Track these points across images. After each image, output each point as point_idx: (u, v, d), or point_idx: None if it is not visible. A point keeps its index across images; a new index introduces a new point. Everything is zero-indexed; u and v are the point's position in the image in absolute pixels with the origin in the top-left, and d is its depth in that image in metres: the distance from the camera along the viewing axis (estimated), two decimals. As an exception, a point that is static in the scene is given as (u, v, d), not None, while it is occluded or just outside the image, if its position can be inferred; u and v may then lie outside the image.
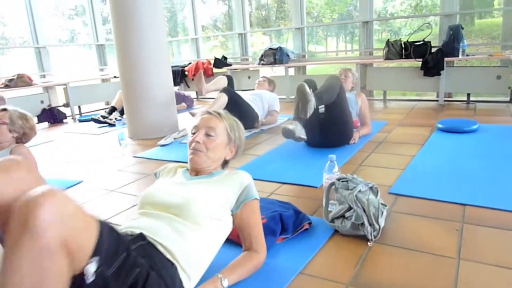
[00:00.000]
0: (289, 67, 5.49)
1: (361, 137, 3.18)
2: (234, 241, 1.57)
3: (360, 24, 5.26)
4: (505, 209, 1.80)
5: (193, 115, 3.61)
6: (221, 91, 3.65)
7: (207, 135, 1.43)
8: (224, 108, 3.59)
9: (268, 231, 1.60)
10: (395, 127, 3.58)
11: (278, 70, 5.78)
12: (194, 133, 1.46)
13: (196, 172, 1.44)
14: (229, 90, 3.66)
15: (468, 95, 4.64)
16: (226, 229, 1.34)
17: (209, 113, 1.49)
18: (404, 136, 3.24)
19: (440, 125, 3.28)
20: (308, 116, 2.63)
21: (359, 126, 3.34)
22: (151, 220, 1.23)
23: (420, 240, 1.58)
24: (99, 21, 6.64)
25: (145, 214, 1.28)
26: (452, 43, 4.42)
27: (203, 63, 6.07)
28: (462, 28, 4.45)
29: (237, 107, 3.65)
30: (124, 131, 3.70)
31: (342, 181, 1.75)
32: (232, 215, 1.36)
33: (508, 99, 4.50)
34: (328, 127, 2.88)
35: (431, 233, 1.64)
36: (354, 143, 3.04)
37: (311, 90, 2.67)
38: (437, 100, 4.71)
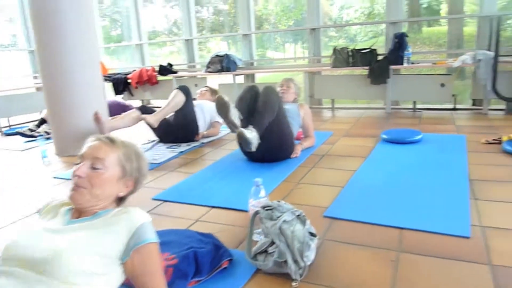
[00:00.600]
0: (237, 75, 5.29)
1: (304, 149, 3.02)
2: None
3: (308, 31, 5.15)
4: (443, 232, 1.67)
5: (98, 118, 3.18)
6: (177, 88, 3.37)
7: (93, 168, 1.17)
8: (177, 111, 3.33)
9: (179, 274, 1.36)
10: (340, 138, 3.45)
11: (226, 78, 5.57)
12: (78, 164, 1.20)
13: (79, 212, 1.18)
14: (187, 90, 3.37)
15: (414, 103, 4.64)
16: (112, 284, 1.09)
17: (99, 139, 1.23)
18: (348, 148, 3.11)
19: (384, 136, 3.19)
20: (238, 127, 2.44)
21: (302, 138, 3.19)
22: (6, 281, 0.96)
23: (351, 276, 1.40)
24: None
25: (3, 273, 1.00)
26: (397, 51, 4.40)
27: (147, 71, 5.75)
28: (407, 36, 4.43)
29: (187, 113, 3.40)
30: (48, 147, 3.34)
31: (267, 210, 1.55)
32: (122, 263, 1.11)
33: (452, 106, 4.53)
34: (267, 141, 2.69)
35: (365, 267, 1.46)
36: (296, 156, 2.87)
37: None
38: (384, 108, 4.68)
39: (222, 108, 2.47)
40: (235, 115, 2.48)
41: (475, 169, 2.43)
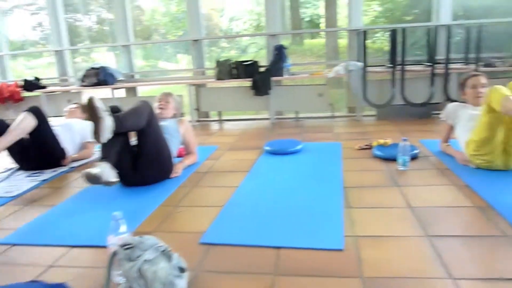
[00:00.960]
0: (116, 88, 4.92)
1: (186, 168, 2.85)
2: None
3: (191, 43, 5.03)
4: (318, 247, 1.64)
5: None
6: (26, 110, 2.88)
7: None
8: (33, 134, 2.87)
9: None
10: (225, 152, 3.36)
11: (106, 92, 5.13)
12: None
13: None
14: (38, 111, 2.90)
15: (297, 112, 4.80)
16: None
17: None
18: (232, 162, 3.03)
19: (267, 148, 3.18)
20: (104, 140, 2.18)
21: (185, 155, 3.02)
22: None
23: (223, 313, 1.27)
24: None
25: None
26: (278, 62, 4.50)
27: (8, 86, 5.02)
28: (285, 48, 4.58)
29: (46, 136, 2.95)
30: None
31: (126, 249, 1.34)
32: None
33: (330, 114, 4.79)
34: (142, 162, 2.46)
35: (239, 298, 1.35)
36: (176, 176, 2.68)
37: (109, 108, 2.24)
38: (270, 119, 4.75)
39: (94, 182, 2.16)
40: (109, 173, 2.18)
41: (349, 176, 2.53)
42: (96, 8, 12.73)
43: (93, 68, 4.82)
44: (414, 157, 2.78)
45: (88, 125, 3.42)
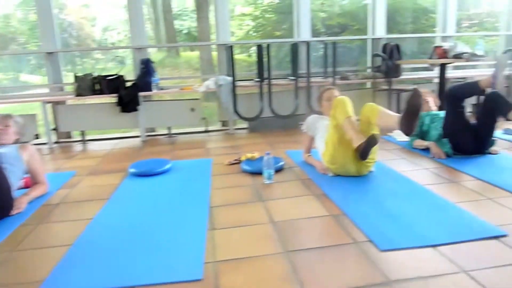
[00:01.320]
0: None
1: (32, 201, 2.46)
2: None
3: (44, 55, 4.49)
4: (176, 280, 1.51)
5: None
6: None
7: None
8: None
9: None
10: (84, 177, 3.02)
11: None
12: None
13: None
14: None
15: (170, 128, 4.64)
16: None
17: None
18: (91, 190, 2.72)
19: (132, 170, 2.95)
20: None
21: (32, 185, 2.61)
22: None
23: None
24: None
25: None
26: (145, 77, 4.29)
27: None
28: (152, 62, 4.39)
29: None
30: None
31: None
32: None
33: (204, 129, 4.73)
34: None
35: None
36: (18, 212, 2.29)
37: None
38: (140, 136, 4.49)
39: None
40: None
41: (216, 194, 2.47)
42: None
43: None
44: (279, 169, 2.86)
45: None
